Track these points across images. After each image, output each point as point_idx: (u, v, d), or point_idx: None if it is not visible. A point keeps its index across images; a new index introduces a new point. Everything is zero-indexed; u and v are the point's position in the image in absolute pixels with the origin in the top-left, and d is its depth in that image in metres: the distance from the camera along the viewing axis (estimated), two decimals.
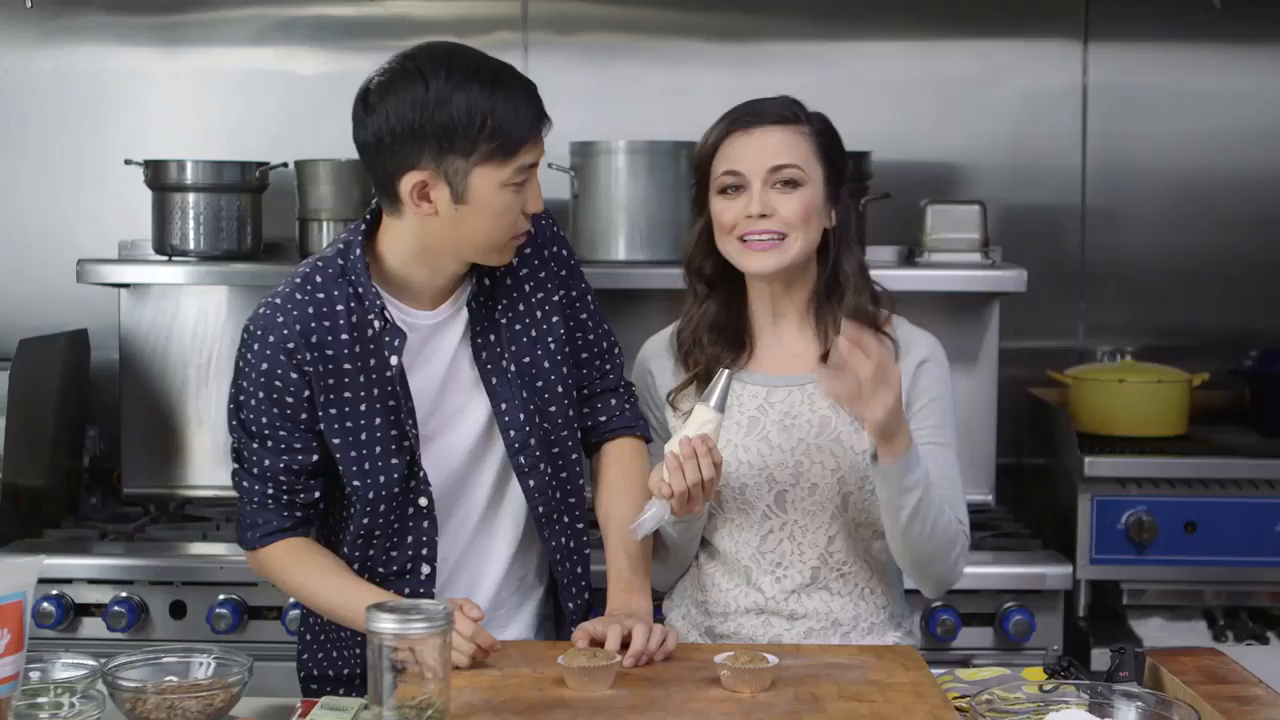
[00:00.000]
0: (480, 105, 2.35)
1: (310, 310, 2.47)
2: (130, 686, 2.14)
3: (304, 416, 2.48)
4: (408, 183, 2.40)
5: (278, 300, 2.49)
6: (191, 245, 3.96)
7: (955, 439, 2.66)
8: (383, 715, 2.02)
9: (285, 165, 4.03)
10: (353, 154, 3.82)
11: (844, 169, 2.67)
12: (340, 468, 2.50)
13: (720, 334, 2.67)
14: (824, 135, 2.62)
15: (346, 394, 2.48)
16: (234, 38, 4.29)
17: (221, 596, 3.50)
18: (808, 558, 2.62)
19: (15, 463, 3.71)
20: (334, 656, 2.65)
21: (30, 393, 3.79)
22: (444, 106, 2.36)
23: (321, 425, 2.48)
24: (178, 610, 3.51)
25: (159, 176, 3.97)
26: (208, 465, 4.18)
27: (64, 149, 4.29)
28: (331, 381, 2.47)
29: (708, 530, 2.66)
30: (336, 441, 2.48)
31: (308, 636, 2.70)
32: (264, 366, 2.47)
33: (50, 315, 4.14)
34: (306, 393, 2.47)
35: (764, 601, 2.63)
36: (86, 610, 3.52)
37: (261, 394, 2.48)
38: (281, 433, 2.49)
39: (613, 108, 4.20)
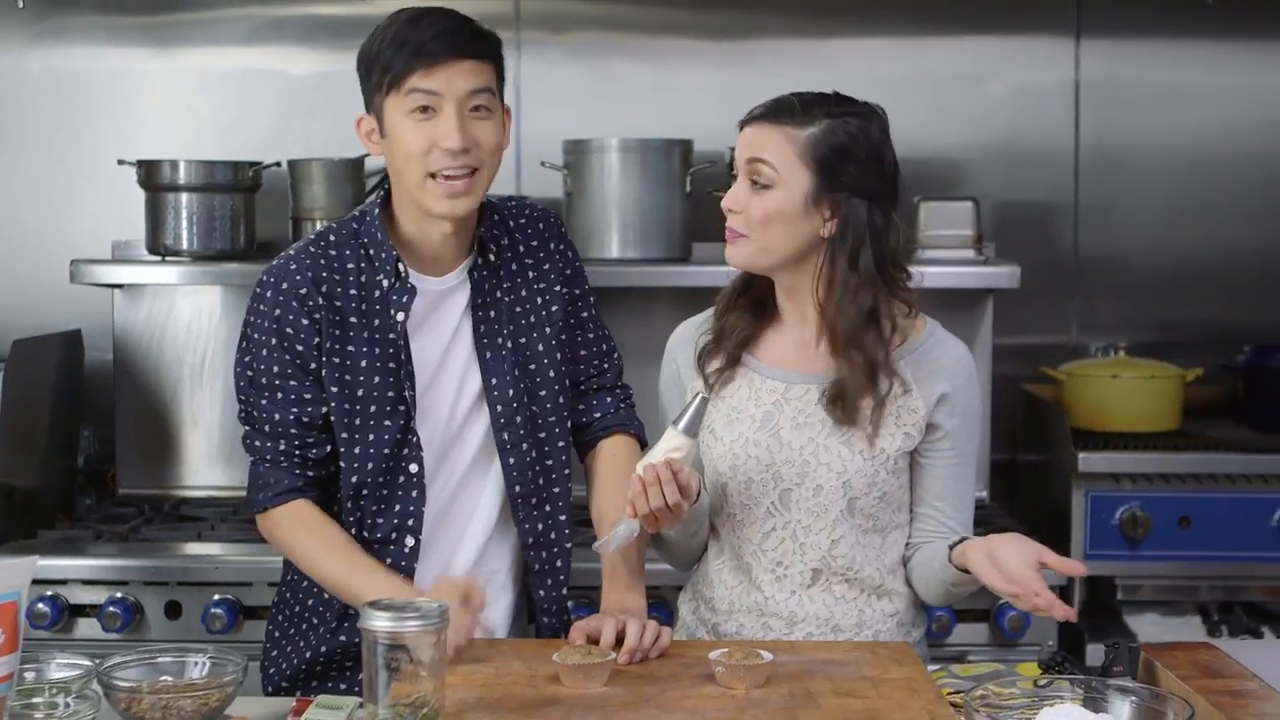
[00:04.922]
0: (387, 36, 2.46)
1: (322, 262, 2.54)
2: (125, 686, 2.14)
3: (313, 366, 2.51)
4: (359, 125, 2.54)
5: (291, 253, 2.57)
6: (185, 245, 3.96)
7: (974, 455, 2.63)
8: (378, 714, 2.03)
9: (278, 165, 4.03)
10: (346, 153, 3.90)
11: (847, 177, 2.47)
12: (333, 419, 2.52)
13: (748, 295, 2.61)
14: (824, 142, 2.47)
15: (350, 348, 2.52)
16: (226, 37, 4.29)
17: (216, 596, 3.49)
18: (809, 559, 2.57)
19: (9, 463, 3.72)
20: (299, 645, 2.64)
21: (24, 393, 3.79)
22: (369, 44, 2.49)
23: (324, 373, 2.51)
24: (173, 610, 3.51)
25: (152, 176, 3.97)
26: (202, 465, 4.18)
27: (57, 149, 4.28)
28: (337, 333, 2.52)
29: (715, 523, 2.64)
30: (334, 390, 2.51)
31: (276, 634, 2.70)
32: (276, 313, 2.51)
33: (44, 315, 4.14)
34: (316, 339, 2.51)
35: (763, 601, 2.59)
36: (81, 611, 3.52)
37: (274, 340, 2.51)
38: (292, 382, 2.52)
39: (605, 106, 4.19)
